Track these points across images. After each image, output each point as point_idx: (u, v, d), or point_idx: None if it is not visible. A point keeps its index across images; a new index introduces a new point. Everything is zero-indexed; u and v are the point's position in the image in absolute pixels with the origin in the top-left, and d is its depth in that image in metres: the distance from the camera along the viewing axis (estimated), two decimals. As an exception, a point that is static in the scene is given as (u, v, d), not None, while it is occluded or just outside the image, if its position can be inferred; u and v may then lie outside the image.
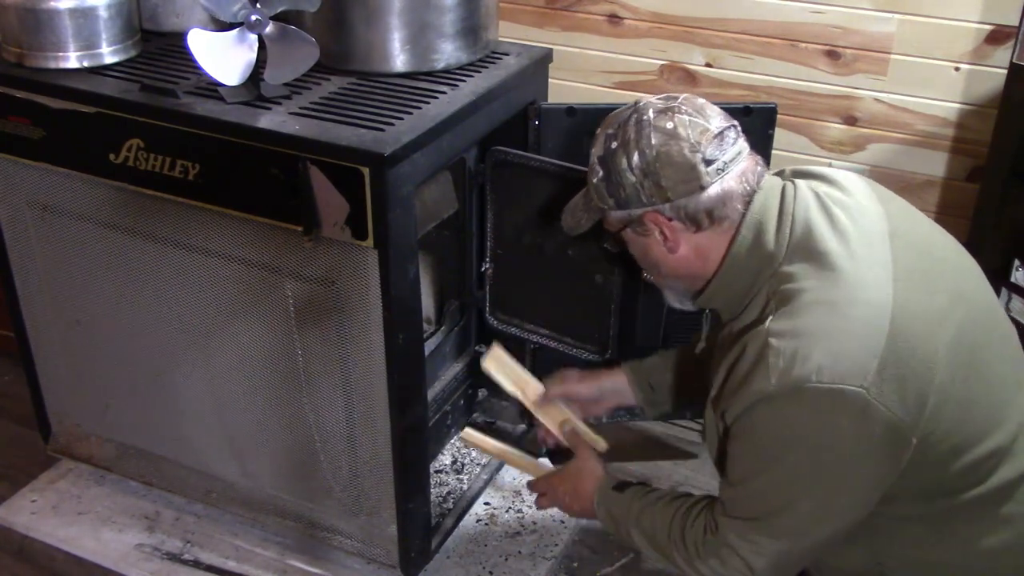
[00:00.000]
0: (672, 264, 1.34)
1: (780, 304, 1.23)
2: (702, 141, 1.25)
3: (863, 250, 1.24)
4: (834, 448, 1.20)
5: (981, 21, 1.95)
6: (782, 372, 1.17)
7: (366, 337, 1.63)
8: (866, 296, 1.21)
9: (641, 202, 1.28)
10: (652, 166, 1.25)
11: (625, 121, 1.30)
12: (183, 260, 1.74)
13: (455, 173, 1.89)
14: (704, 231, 1.29)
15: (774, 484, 1.25)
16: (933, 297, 1.25)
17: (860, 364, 1.17)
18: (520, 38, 2.21)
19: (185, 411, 1.92)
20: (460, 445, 2.21)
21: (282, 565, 1.95)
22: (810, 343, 1.17)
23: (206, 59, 1.56)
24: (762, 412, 1.21)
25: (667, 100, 1.30)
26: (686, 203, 1.26)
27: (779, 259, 1.26)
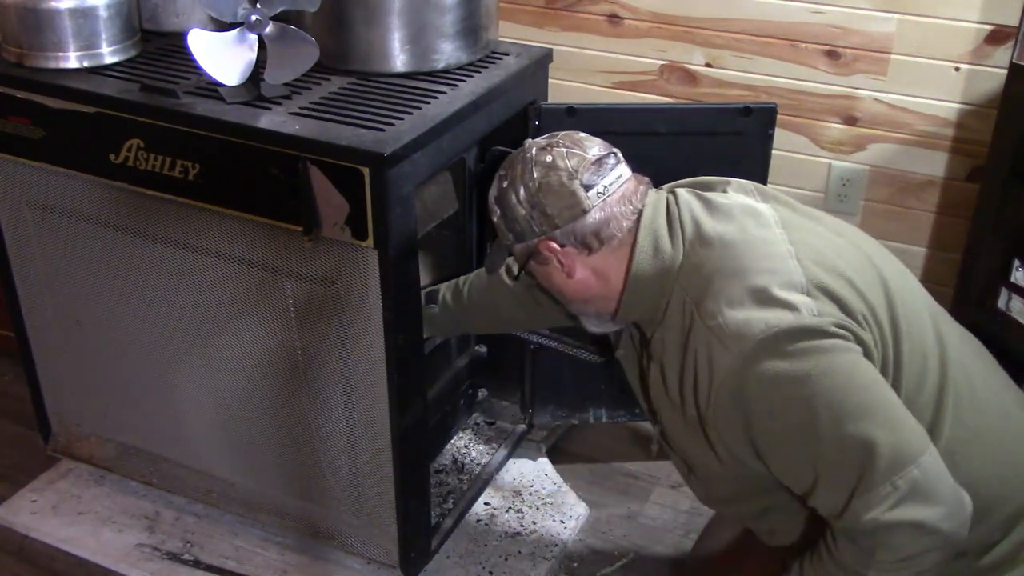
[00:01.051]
0: (574, 289, 1.42)
1: (698, 296, 1.30)
2: (579, 169, 1.35)
3: (751, 220, 1.34)
4: (826, 368, 1.22)
5: (981, 21, 1.95)
6: (736, 339, 1.23)
7: (366, 337, 1.63)
8: (767, 250, 1.30)
9: (533, 232, 1.38)
10: (536, 197, 1.35)
11: (512, 161, 1.41)
12: (183, 260, 1.74)
13: (455, 173, 1.89)
14: (596, 253, 1.37)
15: (834, 438, 1.22)
16: (827, 242, 1.34)
17: (793, 300, 1.23)
18: (520, 38, 2.21)
19: (185, 411, 1.92)
20: (460, 445, 2.22)
21: (282, 565, 1.95)
22: (743, 307, 1.24)
23: (206, 59, 1.56)
24: (750, 386, 1.23)
25: (549, 138, 1.40)
26: (572, 228, 1.35)
27: (679, 259, 1.33)
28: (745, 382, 1.23)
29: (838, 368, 1.21)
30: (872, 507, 1.20)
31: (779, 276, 1.26)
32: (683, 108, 2.14)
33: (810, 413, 1.22)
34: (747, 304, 1.24)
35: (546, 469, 2.21)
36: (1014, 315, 1.86)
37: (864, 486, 1.21)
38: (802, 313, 1.22)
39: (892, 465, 1.19)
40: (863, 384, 1.22)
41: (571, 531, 2.04)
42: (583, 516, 2.08)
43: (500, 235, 1.44)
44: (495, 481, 2.15)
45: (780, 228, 1.33)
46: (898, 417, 1.23)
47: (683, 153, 1.83)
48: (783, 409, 1.24)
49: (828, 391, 1.21)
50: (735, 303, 1.25)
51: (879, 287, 1.32)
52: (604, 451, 2.28)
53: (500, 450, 2.19)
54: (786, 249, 1.30)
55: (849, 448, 1.21)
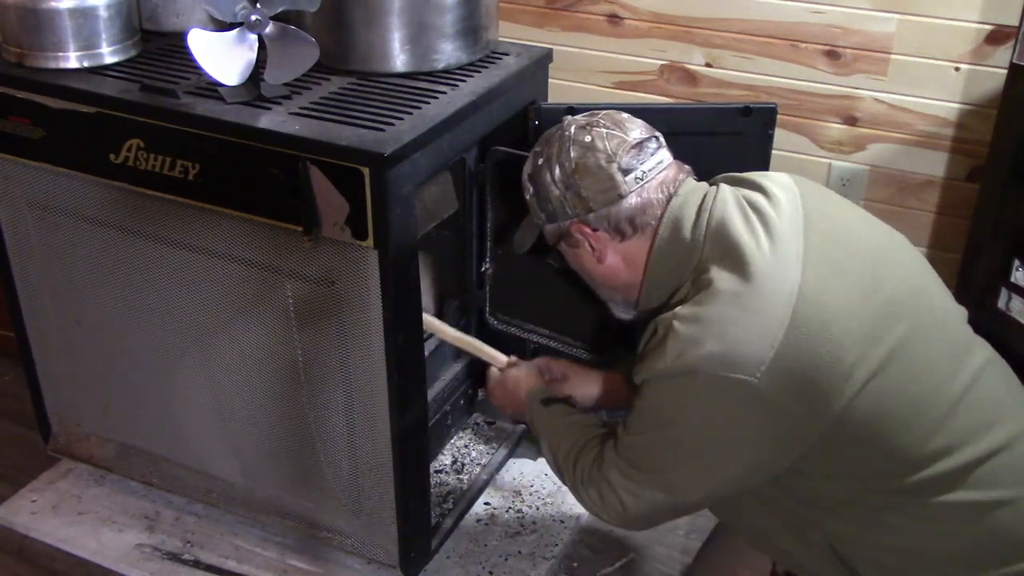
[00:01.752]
0: (603, 274, 1.40)
1: (695, 293, 1.28)
2: (619, 152, 1.32)
3: (773, 243, 1.27)
4: (717, 428, 1.25)
5: (981, 21, 1.95)
6: (676, 355, 1.23)
7: (366, 337, 1.63)
8: (771, 287, 1.23)
9: (566, 214, 1.35)
10: (571, 178, 1.33)
11: (550, 138, 1.38)
12: (183, 260, 1.74)
13: (455, 173, 1.88)
14: (629, 239, 1.35)
15: (659, 445, 1.31)
16: (843, 288, 1.26)
17: (754, 354, 1.20)
18: (520, 38, 2.21)
19: (185, 411, 1.92)
20: (460, 445, 2.22)
21: (282, 565, 1.95)
22: (707, 330, 1.22)
23: (206, 59, 1.56)
24: (656, 386, 1.28)
25: (589, 116, 1.37)
26: (607, 212, 1.33)
27: (698, 250, 1.30)
28: (655, 384, 1.28)
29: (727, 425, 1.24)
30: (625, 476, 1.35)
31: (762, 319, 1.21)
32: (683, 108, 2.14)
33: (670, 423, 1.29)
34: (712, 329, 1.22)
35: (546, 469, 2.20)
36: (1014, 315, 1.86)
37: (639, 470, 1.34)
38: (750, 370, 1.19)
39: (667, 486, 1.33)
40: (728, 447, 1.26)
41: (571, 531, 2.04)
42: (583, 516, 2.08)
43: (532, 213, 1.42)
44: (495, 481, 2.15)
45: (799, 263, 1.25)
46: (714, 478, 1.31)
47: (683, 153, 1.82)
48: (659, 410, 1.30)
49: (699, 430, 1.26)
50: (704, 322, 1.23)
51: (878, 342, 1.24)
52: (604, 451, 2.28)
53: (500, 450, 2.19)
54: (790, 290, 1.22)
55: (665, 455, 1.31)
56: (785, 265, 1.25)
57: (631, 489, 1.35)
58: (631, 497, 1.36)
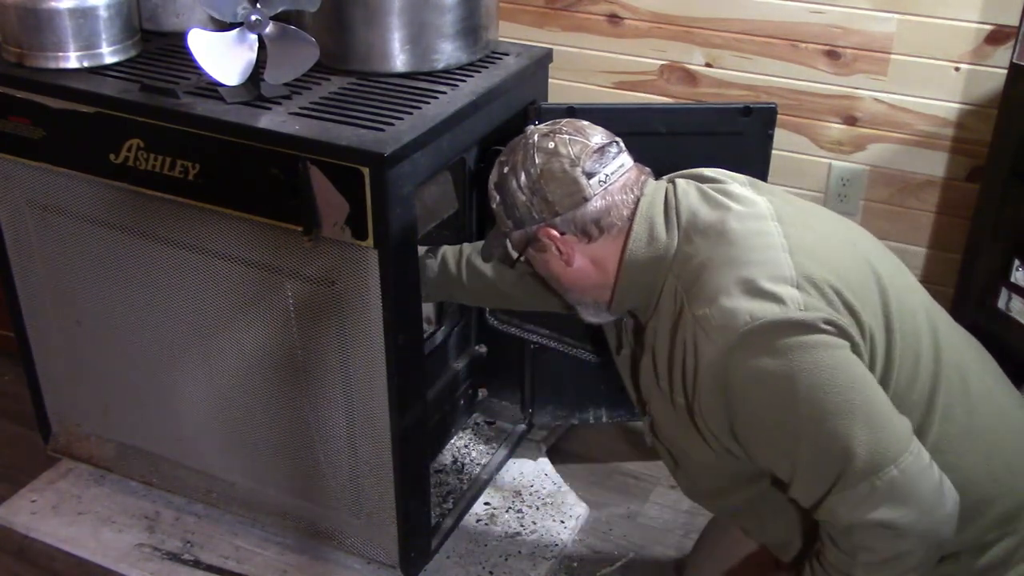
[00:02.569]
0: (572, 277, 1.42)
1: (688, 285, 1.30)
2: (582, 156, 1.34)
3: (747, 210, 1.33)
4: (811, 364, 1.21)
5: (981, 21, 1.95)
6: (721, 330, 1.23)
7: (366, 337, 1.63)
8: (760, 242, 1.29)
9: (533, 219, 1.37)
10: (537, 183, 1.35)
11: (514, 147, 1.40)
12: (183, 260, 1.74)
13: (455, 173, 1.88)
14: (596, 241, 1.37)
15: (814, 435, 1.22)
16: (823, 238, 1.33)
17: (781, 293, 1.23)
18: (520, 38, 2.21)
19: (185, 411, 1.92)
20: (460, 445, 2.22)
21: (282, 565, 1.95)
22: (731, 297, 1.23)
23: (206, 59, 1.56)
24: (733, 378, 1.23)
25: (551, 124, 1.41)
26: (573, 215, 1.35)
27: (673, 247, 1.33)
28: (728, 374, 1.24)
29: (821, 365, 1.20)
30: (849, 505, 1.22)
31: (768, 268, 1.25)
32: (683, 108, 2.14)
33: (791, 410, 1.22)
34: (734, 295, 1.23)
35: (546, 469, 2.21)
36: (1014, 315, 1.86)
37: (842, 484, 1.22)
38: (788, 306, 1.21)
39: (871, 465, 1.20)
40: (846, 382, 1.21)
41: (571, 531, 2.04)
42: (583, 516, 2.08)
43: (499, 221, 1.44)
44: (495, 481, 2.15)
45: (775, 221, 1.32)
46: (881, 415, 1.22)
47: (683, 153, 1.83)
48: (764, 404, 1.24)
49: (810, 389, 1.20)
50: (722, 293, 1.24)
51: (873, 284, 1.31)
52: (604, 451, 2.28)
53: (500, 450, 2.19)
54: (779, 242, 1.29)
55: (828, 447, 1.22)
56: (765, 223, 1.32)
57: (866, 504, 1.20)
58: (874, 509, 1.20)
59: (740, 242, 1.29)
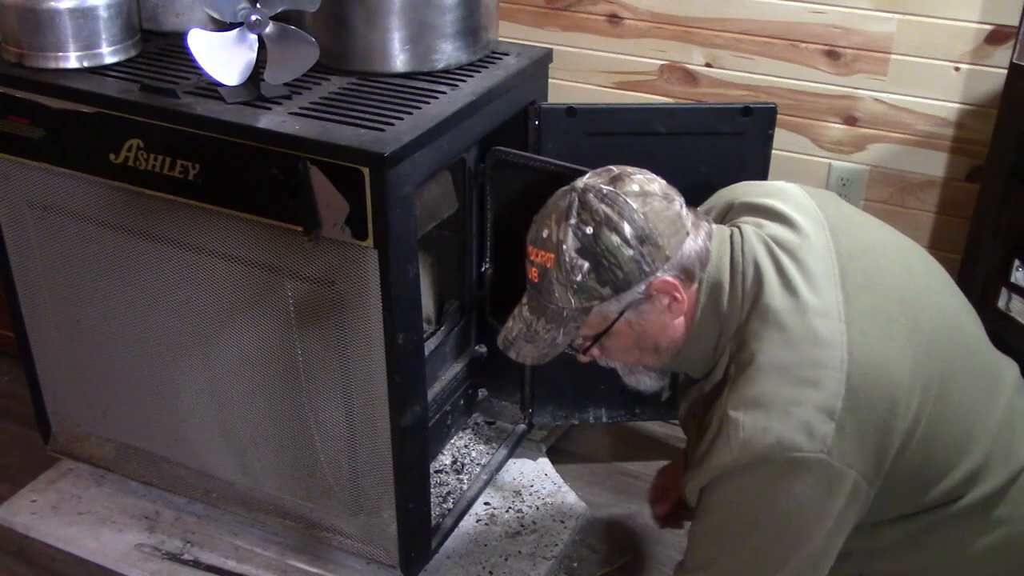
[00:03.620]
0: (673, 332, 1.29)
1: (739, 370, 1.22)
2: (666, 189, 1.25)
3: (814, 300, 1.22)
4: (799, 515, 1.19)
5: (981, 21, 1.95)
6: (742, 445, 1.17)
7: (366, 337, 1.63)
8: (819, 354, 1.19)
9: (645, 272, 1.22)
10: (645, 230, 1.21)
11: (582, 205, 1.23)
12: (183, 260, 1.74)
13: (455, 173, 1.89)
14: (693, 285, 1.26)
15: (748, 563, 1.23)
16: (889, 339, 1.22)
17: (818, 430, 1.16)
18: (520, 38, 2.21)
19: (185, 411, 1.92)
20: (460, 445, 2.22)
21: (282, 565, 1.95)
22: (767, 414, 1.17)
23: (206, 59, 1.56)
24: (724, 486, 1.21)
25: (603, 172, 1.27)
26: (680, 255, 1.23)
27: (737, 317, 1.24)
28: (724, 481, 1.21)
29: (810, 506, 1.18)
30: None
31: (817, 395, 1.17)
32: (683, 108, 2.14)
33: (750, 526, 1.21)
34: (772, 412, 1.17)
35: (546, 469, 2.21)
36: (1014, 315, 1.86)
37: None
38: (817, 447, 1.16)
39: None
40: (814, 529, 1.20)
41: (571, 531, 2.04)
42: (583, 516, 2.08)
43: (578, 298, 1.24)
44: (495, 481, 2.15)
45: (842, 322, 1.20)
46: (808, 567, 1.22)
47: (683, 153, 1.84)
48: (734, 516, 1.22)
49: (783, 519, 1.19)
50: (763, 404, 1.18)
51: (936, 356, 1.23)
52: (604, 451, 2.28)
53: (500, 450, 2.19)
54: (839, 359, 1.18)
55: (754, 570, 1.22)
56: (829, 326, 1.20)
57: None
58: None
59: (799, 349, 1.19)
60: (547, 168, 1.81)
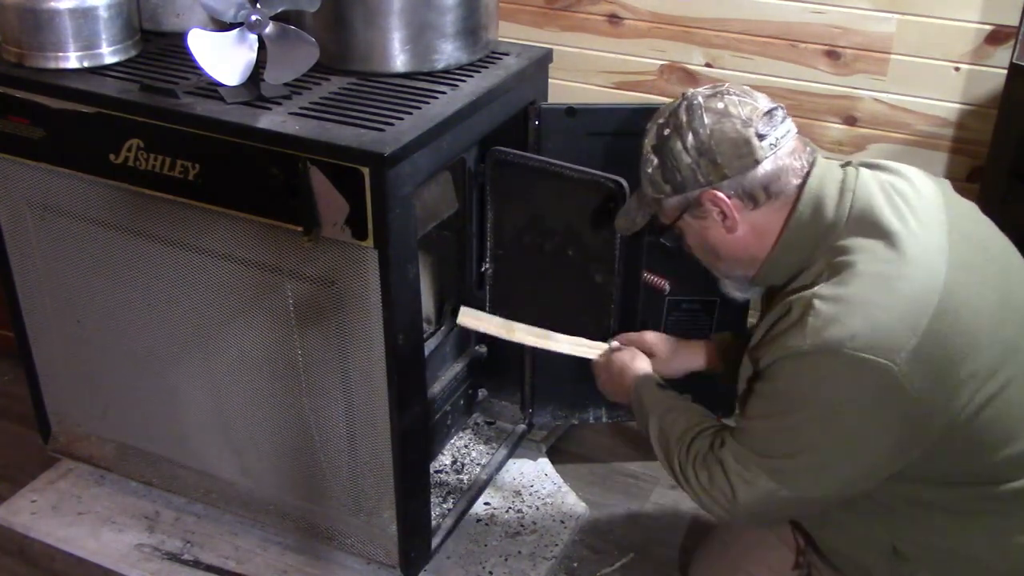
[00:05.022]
0: (731, 245, 1.36)
1: (833, 273, 1.25)
2: (753, 118, 1.29)
3: (921, 232, 1.26)
4: (850, 414, 1.21)
5: (981, 21, 1.95)
6: (818, 331, 1.20)
7: (366, 337, 1.63)
8: (918, 274, 1.22)
9: (698, 182, 1.31)
10: (707, 144, 1.29)
11: (676, 109, 1.33)
12: (183, 260, 1.74)
13: (455, 173, 1.88)
14: (760, 208, 1.31)
15: (784, 430, 1.27)
16: (983, 291, 1.26)
17: (898, 340, 1.18)
18: (520, 38, 2.21)
19: (185, 411, 1.92)
20: (460, 445, 2.22)
21: (282, 565, 1.95)
22: (852, 310, 1.20)
23: (206, 59, 1.56)
24: (790, 365, 1.24)
25: (715, 86, 1.34)
26: (742, 179, 1.29)
27: (837, 231, 1.28)
28: (790, 362, 1.24)
29: (863, 410, 1.20)
30: (741, 462, 1.31)
31: (907, 313, 1.19)
32: (683, 108, 2.14)
33: (801, 404, 1.25)
34: (856, 311, 1.19)
35: (546, 469, 2.21)
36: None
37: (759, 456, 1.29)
38: (894, 357, 1.17)
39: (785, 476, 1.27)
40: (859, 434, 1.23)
41: (571, 531, 2.04)
42: (583, 516, 2.08)
43: (652, 188, 1.37)
44: (495, 481, 2.15)
45: (945, 255, 1.24)
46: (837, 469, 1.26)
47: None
48: (791, 390, 1.25)
49: (833, 412, 1.22)
50: (848, 302, 1.20)
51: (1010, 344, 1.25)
52: (604, 451, 2.28)
53: (500, 450, 2.19)
54: (934, 286, 1.21)
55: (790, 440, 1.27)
56: (932, 256, 1.24)
57: (744, 476, 1.30)
58: (743, 484, 1.30)
59: (900, 266, 1.22)
60: (547, 168, 1.81)
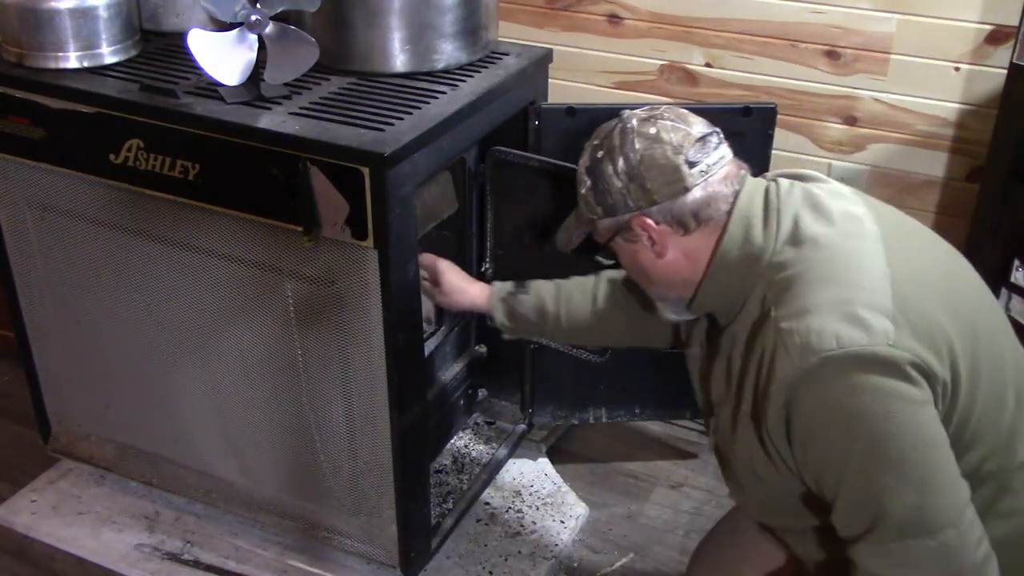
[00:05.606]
0: (661, 270, 1.35)
1: (779, 293, 1.23)
2: (684, 144, 1.29)
3: (853, 229, 1.26)
4: (882, 411, 1.16)
5: (981, 21, 1.95)
6: (802, 350, 1.17)
7: (366, 337, 1.63)
8: (862, 264, 1.22)
9: (628, 207, 1.31)
10: (637, 169, 1.29)
11: (610, 131, 1.34)
12: (183, 260, 1.74)
13: (455, 173, 1.88)
14: (691, 233, 1.31)
15: (860, 479, 1.19)
16: (926, 269, 1.27)
17: (875, 323, 1.17)
18: (520, 38, 2.21)
19: (185, 411, 1.92)
20: (460, 445, 2.22)
21: (282, 565, 1.95)
22: (820, 316, 1.18)
23: (206, 59, 1.56)
24: (802, 400, 1.19)
25: (650, 109, 1.35)
26: (671, 205, 1.29)
27: (769, 252, 1.27)
28: (797, 393, 1.19)
29: (892, 418, 1.15)
30: (876, 558, 1.19)
31: (866, 294, 1.19)
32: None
33: (847, 447, 1.18)
34: (824, 315, 1.17)
35: (546, 469, 2.21)
36: (1014, 315, 1.86)
37: (876, 535, 1.18)
38: (878, 340, 1.15)
39: (909, 527, 1.16)
40: (911, 442, 1.16)
41: (571, 531, 2.04)
42: (583, 516, 2.09)
43: (586, 208, 1.38)
44: (495, 481, 2.15)
45: (880, 243, 1.25)
46: (937, 480, 1.16)
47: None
48: (823, 432, 1.19)
49: (871, 436, 1.16)
50: (812, 311, 1.18)
51: (968, 324, 1.24)
52: (604, 451, 2.28)
53: (500, 450, 2.20)
54: (881, 269, 1.22)
55: (870, 495, 1.18)
56: (868, 246, 1.25)
57: (891, 561, 1.18)
58: (902, 570, 1.17)
59: (841, 261, 1.23)
60: (547, 168, 1.81)
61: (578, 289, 1.70)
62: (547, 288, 1.71)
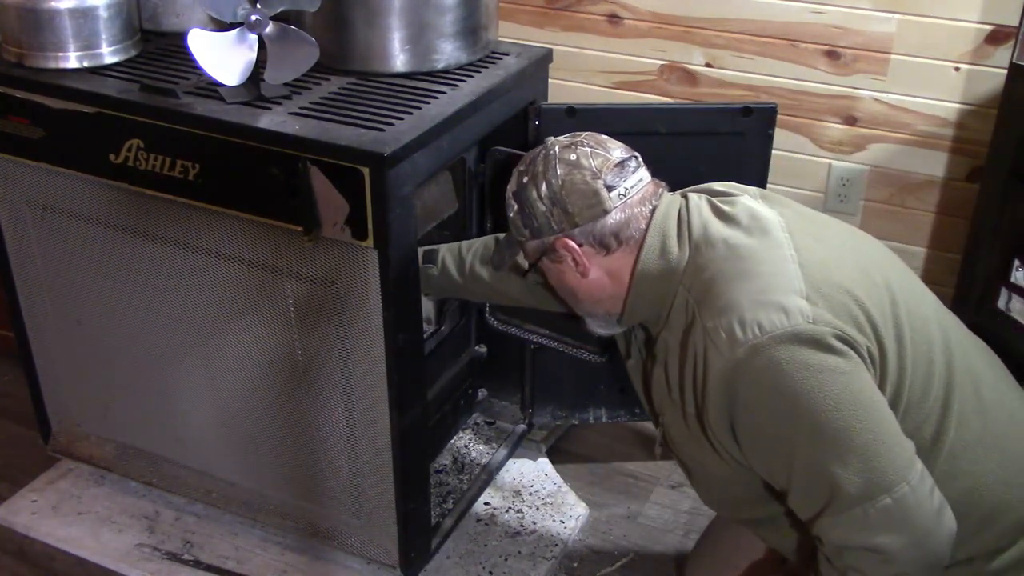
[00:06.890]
0: (586, 288, 1.42)
1: (700, 296, 1.30)
2: (603, 169, 1.36)
3: (758, 225, 1.34)
4: (816, 385, 1.21)
5: (981, 21, 1.95)
6: (729, 344, 1.23)
7: (366, 337, 1.63)
8: (771, 255, 1.30)
9: (552, 229, 1.38)
10: (559, 194, 1.36)
11: (535, 157, 1.41)
12: (183, 260, 1.74)
13: (455, 173, 1.89)
14: (613, 253, 1.38)
15: (809, 456, 1.23)
16: (834, 247, 1.35)
17: (792, 305, 1.23)
18: (520, 38, 2.21)
19: (185, 411, 1.92)
20: (460, 445, 2.22)
21: (282, 565, 1.95)
22: (740, 309, 1.24)
23: (206, 59, 1.56)
24: (740, 394, 1.24)
25: (572, 136, 1.42)
26: (592, 227, 1.36)
27: (684, 260, 1.34)
28: (734, 386, 1.24)
29: (825, 390, 1.20)
30: (840, 528, 1.23)
31: (778, 280, 1.26)
32: (683, 108, 2.14)
33: (790, 427, 1.23)
34: (744, 307, 1.24)
35: (546, 469, 2.21)
36: (1014, 315, 1.86)
37: (834, 507, 1.23)
38: (797, 319, 1.21)
39: (864, 493, 1.20)
40: (848, 410, 1.20)
41: (571, 531, 2.04)
42: (583, 516, 2.09)
43: (514, 230, 1.45)
44: (495, 481, 2.15)
45: (786, 233, 1.33)
46: (881, 442, 1.21)
47: (683, 153, 1.83)
48: (765, 417, 1.24)
49: (811, 411, 1.20)
50: (732, 305, 1.25)
51: (883, 293, 1.31)
52: (604, 451, 2.28)
53: (500, 450, 2.20)
54: (789, 255, 1.29)
55: (821, 470, 1.22)
56: (772, 236, 1.32)
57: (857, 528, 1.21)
58: (867, 534, 1.21)
59: (751, 255, 1.30)
60: (547, 168, 1.81)
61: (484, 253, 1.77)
62: (452, 256, 1.79)
